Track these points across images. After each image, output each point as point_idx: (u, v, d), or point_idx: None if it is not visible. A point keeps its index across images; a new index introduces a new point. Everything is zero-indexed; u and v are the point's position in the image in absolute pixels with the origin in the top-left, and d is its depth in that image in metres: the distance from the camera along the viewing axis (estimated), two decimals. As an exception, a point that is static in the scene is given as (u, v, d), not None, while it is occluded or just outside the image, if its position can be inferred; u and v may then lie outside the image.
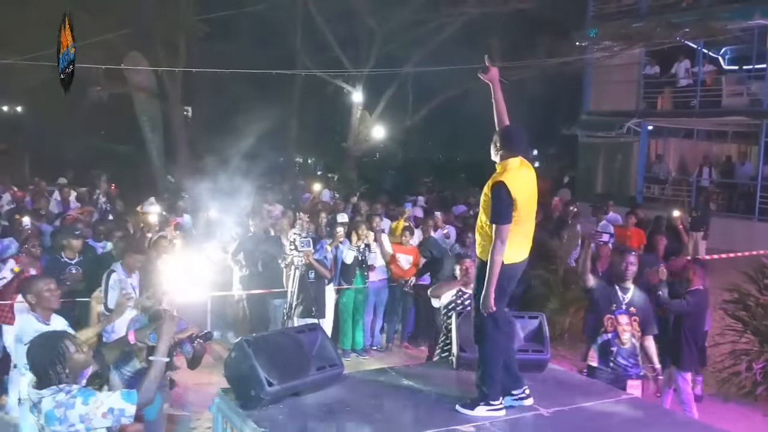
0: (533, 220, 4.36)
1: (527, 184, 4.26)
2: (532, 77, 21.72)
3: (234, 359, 4.53)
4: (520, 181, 4.21)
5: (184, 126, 20.33)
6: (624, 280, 5.59)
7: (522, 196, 4.16)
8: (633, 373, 5.46)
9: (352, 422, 4.27)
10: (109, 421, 3.29)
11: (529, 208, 4.25)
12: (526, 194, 4.21)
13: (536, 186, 4.37)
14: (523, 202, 4.17)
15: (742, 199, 18.09)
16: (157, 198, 12.24)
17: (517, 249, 4.24)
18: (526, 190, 4.24)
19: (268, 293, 8.17)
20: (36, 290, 4.96)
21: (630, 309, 5.50)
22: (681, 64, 19.19)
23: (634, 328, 5.48)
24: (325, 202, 13.42)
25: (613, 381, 5.36)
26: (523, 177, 4.24)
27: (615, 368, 5.48)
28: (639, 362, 5.54)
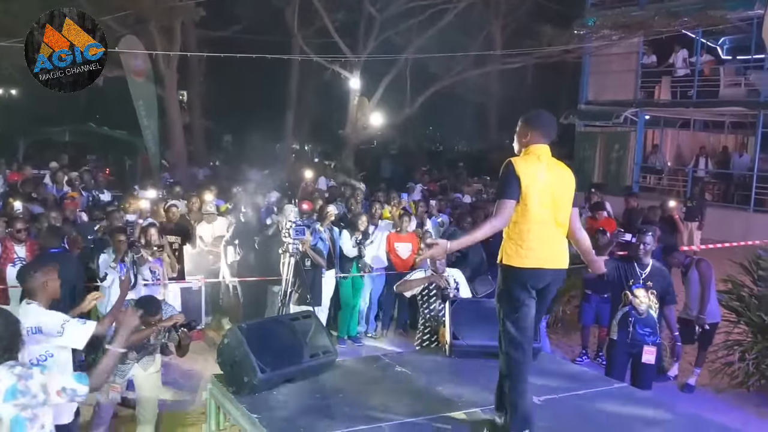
0: (557, 226, 3.88)
1: (545, 177, 3.82)
2: (532, 66, 21.73)
3: (227, 346, 4.54)
4: (534, 168, 3.82)
5: (180, 111, 20.22)
6: (641, 259, 5.99)
7: (534, 184, 3.77)
8: (649, 341, 5.89)
9: (345, 409, 4.28)
10: (63, 399, 3.29)
11: (545, 202, 3.79)
12: (541, 185, 3.79)
13: (566, 187, 3.90)
14: (537, 193, 3.76)
15: (738, 190, 18.09)
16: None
17: (530, 252, 3.78)
18: (543, 182, 3.80)
19: (266, 280, 8.15)
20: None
21: (647, 283, 5.92)
22: (679, 53, 19.13)
23: (651, 300, 5.90)
24: (320, 189, 13.39)
25: (630, 348, 5.91)
26: (540, 168, 3.83)
27: (633, 337, 5.91)
28: (657, 331, 5.99)
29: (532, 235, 3.79)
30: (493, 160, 25.52)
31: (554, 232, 3.86)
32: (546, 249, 3.82)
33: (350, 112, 20.63)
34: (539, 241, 3.80)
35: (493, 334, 5.32)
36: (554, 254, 3.85)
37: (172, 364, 7.28)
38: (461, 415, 4.28)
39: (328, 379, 4.78)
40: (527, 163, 3.84)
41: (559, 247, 3.89)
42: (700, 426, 4.39)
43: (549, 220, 3.83)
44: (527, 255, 3.79)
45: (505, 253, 3.86)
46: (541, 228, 3.80)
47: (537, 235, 3.79)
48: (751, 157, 18.35)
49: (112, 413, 5.55)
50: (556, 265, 3.87)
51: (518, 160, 3.85)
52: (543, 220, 3.80)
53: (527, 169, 3.79)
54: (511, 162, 3.83)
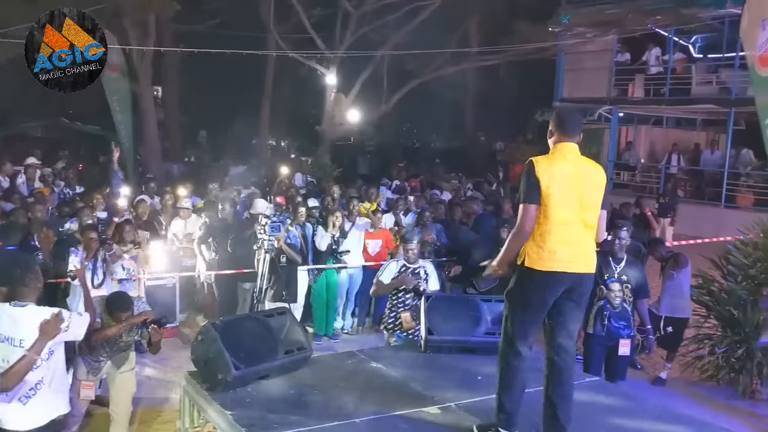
0: (585, 227, 3.73)
1: (570, 177, 3.67)
2: (507, 63, 21.82)
3: (201, 342, 4.53)
4: (558, 167, 3.68)
5: (154, 106, 20.02)
6: (617, 253, 6.11)
7: (556, 184, 3.63)
8: (624, 334, 6.03)
9: (320, 405, 4.30)
10: None
11: (568, 203, 3.65)
12: (565, 185, 3.65)
13: (594, 187, 3.75)
14: (559, 193, 3.63)
15: (710, 186, 18.36)
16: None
17: (551, 254, 3.64)
18: (567, 181, 3.66)
19: (236, 276, 8.12)
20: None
21: (622, 277, 6.05)
22: (652, 51, 19.35)
23: (625, 294, 6.05)
24: (296, 185, 13.35)
25: (607, 342, 6.03)
26: (564, 167, 3.69)
27: (609, 331, 6.02)
28: (631, 324, 6.13)
29: (553, 236, 3.64)
30: (470, 157, 25.73)
31: (579, 233, 3.71)
32: (568, 251, 3.66)
33: (327, 108, 20.56)
34: (561, 243, 3.65)
35: (467, 329, 5.42)
36: (577, 257, 3.69)
37: (147, 362, 7.23)
38: (435, 410, 4.31)
39: (302, 375, 4.79)
40: (550, 162, 3.71)
41: (583, 250, 3.72)
42: (670, 418, 4.47)
43: (574, 221, 3.68)
44: (548, 257, 3.65)
45: (527, 254, 3.71)
46: (564, 229, 3.66)
47: (559, 236, 3.65)
48: (722, 153, 18.63)
49: (84, 411, 5.49)
50: (579, 269, 3.69)
51: (540, 160, 3.72)
52: (566, 221, 3.66)
53: (549, 168, 3.66)
54: (531, 162, 3.70)
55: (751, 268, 7.26)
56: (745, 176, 17.47)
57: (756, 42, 7.55)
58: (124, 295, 5.34)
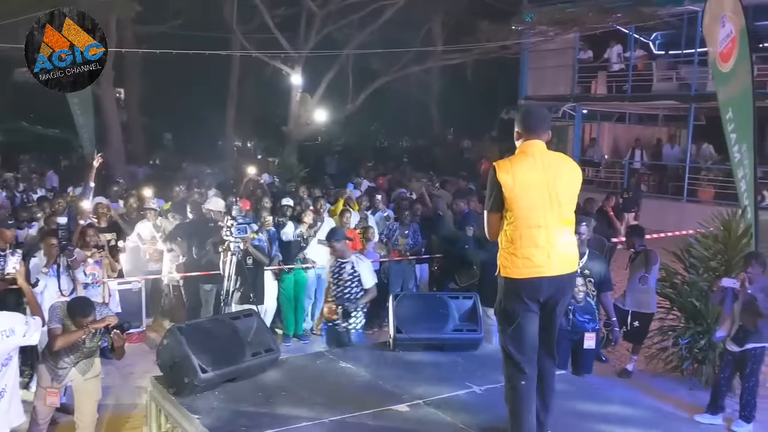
0: (563, 224, 3.55)
1: (538, 175, 3.47)
2: (472, 61, 21.97)
3: (166, 347, 4.48)
4: (523, 167, 3.49)
5: (117, 109, 19.73)
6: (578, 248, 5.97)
7: (521, 186, 3.45)
8: (589, 327, 6.09)
9: (288, 406, 4.28)
10: None
11: (537, 202, 3.47)
12: (532, 185, 3.46)
13: (567, 181, 3.56)
14: (525, 195, 3.45)
15: (672, 181, 18.69)
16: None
17: (524, 261, 3.48)
18: (534, 183, 3.46)
19: (199, 278, 8.03)
20: None
21: (584, 272, 6.07)
22: (613, 49, 19.64)
23: (588, 288, 6.11)
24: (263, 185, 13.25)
25: (572, 335, 6.05)
26: (531, 168, 3.49)
27: (574, 325, 6.05)
28: (596, 318, 6.17)
29: (524, 241, 3.47)
30: (436, 155, 25.84)
31: (555, 232, 3.51)
32: (542, 255, 3.47)
33: (292, 109, 20.48)
34: (535, 247, 3.47)
35: (435, 326, 5.45)
36: (554, 259, 3.49)
37: (113, 368, 7.13)
38: (404, 407, 4.32)
39: (271, 377, 4.76)
40: (513, 163, 3.53)
41: (562, 250, 3.54)
42: (636, 408, 4.55)
43: (547, 221, 3.48)
44: (524, 264, 3.48)
45: (501, 264, 3.58)
46: (537, 232, 3.47)
47: (532, 240, 3.47)
48: (683, 148, 18.99)
49: (49, 420, 5.40)
50: (557, 272, 3.50)
51: (502, 163, 3.54)
52: (538, 224, 3.47)
53: (512, 170, 3.48)
54: (494, 167, 3.53)
55: (712, 260, 7.41)
56: (705, 170, 17.82)
57: (716, 38, 7.71)
58: (86, 300, 5.26)
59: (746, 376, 6.27)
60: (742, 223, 7.45)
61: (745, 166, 7.43)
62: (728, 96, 7.70)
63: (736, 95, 7.54)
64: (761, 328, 6.16)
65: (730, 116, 7.61)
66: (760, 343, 6.24)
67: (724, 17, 7.55)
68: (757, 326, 6.14)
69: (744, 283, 6.14)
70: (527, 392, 3.57)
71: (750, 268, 6.22)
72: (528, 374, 3.57)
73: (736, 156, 7.53)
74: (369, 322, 9.19)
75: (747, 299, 6.15)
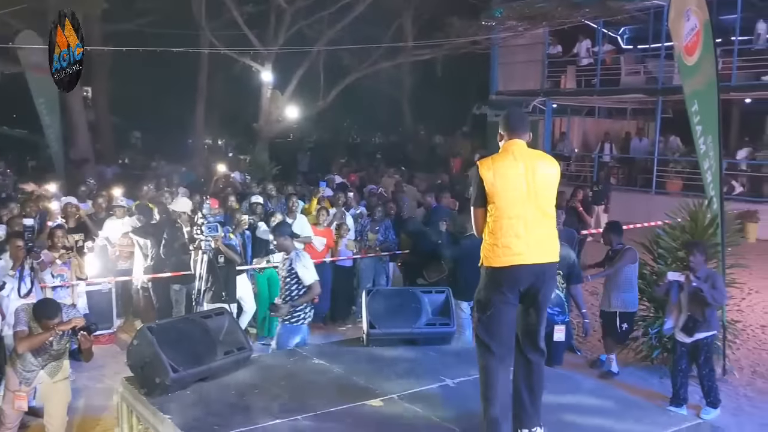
0: (543, 216, 3.73)
1: (517, 170, 3.69)
2: (443, 57, 22.02)
3: (137, 347, 4.44)
4: (504, 164, 3.72)
5: (84, 108, 19.44)
6: None
7: (502, 180, 3.66)
8: (558, 320, 6.12)
9: (261, 404, 4.26)
10: None
11: (517, 196, 3.67)
12: (512, 179, 3.67)
13: (545, 176, 3.75)
14: (506, 188, 3.66)
15: (641, 173, 18.95)
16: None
17: (505, 249, 3.64)
18: (514, 175, 3.68)
19: (168, 278, 7.96)
20: None
21: None
22: (582, 43, 19.84)
23: (557, 281, 5.99)
24: (234, 183, 13.18)
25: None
26: (511, 164, 3.71)
27: None
28: (565, 310, 6.22)
29: (505, 230, 3.65)
30: (409, 151, 25.88)
31: (536, 224, 3.69)
32: (522, 244, 3.64)
33: (263, 106, 20.34)
34: (515, 236, 3.64)
35: (408, 321, 5.46)
36: (534, 248, 3.66)
37: (83, 370, 7.04)
38: (378, 402, 4.33)
39: (243, 375, 4.74)
40: (495, 161, 3.75)
41: (542, 239, 3.70)
42: (605, 397, 4.61)
43: (527, 213, 3.67)
44: (504, 252, 3.64)
45: (483, 255, 3.74)
46: (517, 223, 3.65)
47: (512, 230, 3.65)
48: (650, 141, 19.26)
49: (18, 423, 5.31)
50: (536, 260, 3.66)
51: (484, 161, 3.77)
52: (517, 215, 3.66)
53: (494, 166, 3.71)
54: (476, 165, 3.77)
55: (680, 250, 7.49)
56: (673, 163, 18.10)
57: (681, 32, 7.81)
58: (51, 301, 5.18)
59: (701, 364, 6.36)
60: (708, 213, 7.57)
61: (710, 157, 7.55)
62: (693, 89, 7.81)
63: (701, 88, 7.64)
64: (709, 317, 6.27)
65: (695, 109, 7.72)
66: (709, 332, 6.36)
67: (688, 11, 7.65)
68: (705, 315, 6.24)
69: (689, 277, 6.23)
70: (497, 373, 3.70)
71: (692, 257, 6.32)
72: (498, 356, 3.71)
73: (702, 148, 7.64)
74: (343, 318, 9.25)
75: (692, 290, 6.24)
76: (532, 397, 3.77)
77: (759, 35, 16.82)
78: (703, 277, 6.27)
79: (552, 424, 3.91)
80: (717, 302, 6.27)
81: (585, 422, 4.10)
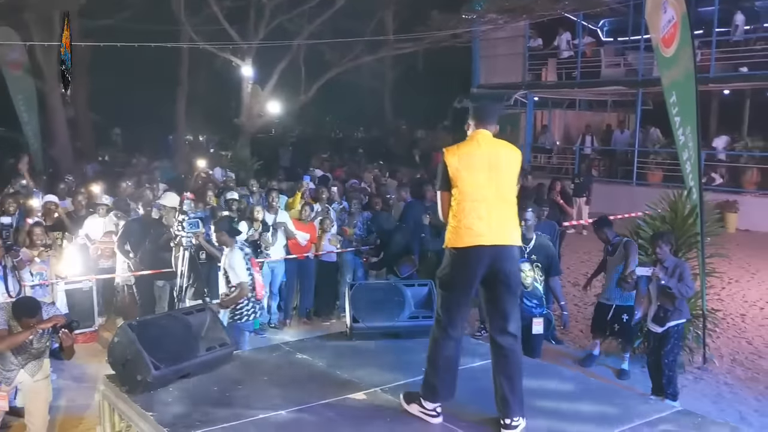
0: (502, 201, 3.89)
1: (481, 157, 3.88)
2: (424, 51, 22.01)
3: (118, 344, 4.41)
4: (468, 150, 3.92)
5: (63, 105, 19.22)
6: (524, 234, 5.95)
7: (465, 166, 3.85)
8: (537, 312, 6.13)
9: (244, 399, 4.25)
10: None
11: (479, 180, 3.84)
12: (475, 165, 3.85)
13: (506, 163, 3.94)
14: (468, 173, 3.84)
15: (622, 165, 19.10)
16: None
17: (467, 231, 3.81)
18: (478, 161, 3.86)
19: (152, 275, 7.90)
20: None
21: (532, 257, 6.14)
22: (562, 36, 19.91)
23: (536, 274, 6.15)
24: (215, 179, 13.11)
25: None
26: (474, 151, 3.91)
27: (522, 310, 5.81)
28: (543, 303, 6.22)
29: (468, 213, 3.82)
30: (391, 145, 25.87)
31: (497, 208, 3.85)
32: (484, 225, 3.80)
33: (244, 101, 20.24)
34: (476, 218, 3.80)
35: (392, 314, 5.47)
36: (495, 230, 3.81)
37: (65, 368, 6.99)
38: (361, 395, 4.34)
39: (226, 371, 4.72)
40: (460, 147, 3.96)
41: (502, 223, 3.86)
42: (586, 386, 4.66)
43: (488, 197, 3.84)
44: (466, 233, 3.80)
45: (447, 237, 3.92)
46: (479, 206, 3.82)
47: (474, 213, 3.81)
48: (631, 133, 19.39)
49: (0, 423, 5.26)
50: (498, 241, 3.81)
51: (450, 148, 3.97)
52: (480, 198, 3.83)
53: (458, 153, 3.91)
54: (443, 152, 3.96)
55: (660, 240, 7.56)
56: (653, 154, 18.26)
57: (659, 24, 7.86)
58: (31, 299, 5.13)
59: (666, 352, 6.28)
60: (688, 204, 7.63)
61: (689, 148, 7.60)
62: (671, 80, 7.87)
63: (680, 79, 7.70)
64: (679, 305, 6.26)
65: (674, 100, 7.79)
66: (681, 319, 6.35)
67: (665, 3, 7.70)
68: (675, 305, 6.23)
69: (655, 273, 6.23)
70: (444, 347, 3.93)
71: (658, 249, 6.30)
72: (449, 332, 3.92)
73: (681, 138, 7.70)
74: (327, 313, 9.24)
75: (661, 286, 6.26)
76: (511, 385, 3.83)
77: (737, 27, 17.01)
78: (671, 267, 6.23)
79: (533, 414, 3.94)
80: (684, 295, 6.24)
81: (566, 412, 4.12)
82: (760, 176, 16.39)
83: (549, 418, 4.01)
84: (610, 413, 4.11)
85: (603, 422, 3.98)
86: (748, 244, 13.71)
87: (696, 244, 7.44)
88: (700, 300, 7.41)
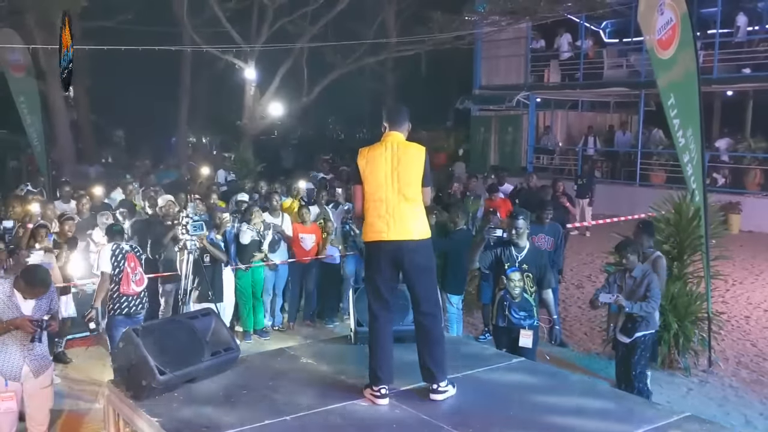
0: (405, 200, 4.22)
1: (386, 159, 4.25)
2: (426, 52, 22.01)
3: (122, 349, 4.40)
4: (376, 153, 4.30)
5: (66, 107, 19.25)
6: (516, 242, 5.95)
7: (371, 167, 4.26)
8: (525, 324, 5.86)
9: (249, 405, 4.24)
10: None
11: (381, 181, 4.23)
12: (380, 167, 4.23)
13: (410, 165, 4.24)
14: (374, 174, 4.24)
15: (625, 166, 19.08)
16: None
17: (370, 227, 4.29)
18: (383, 163, 4.24)
19: (159, 278, 7.89)
20: None
21: (523, 266, 5.89)
22: (562, 37, 19.90)
23: (527, 284, 5.86)
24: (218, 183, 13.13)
25: (509, 333, 5.91)
26: (381, 153, 4.28)
27: (509, 322, 5.89)
28: (533, 314, 5.92)
29: (372, 211, 4.27)
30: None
31: (396, 207, 4.22)
32: (382, 223, 4.23)
33: (247, 103, 20.25)
34: (377, 217, 4.25)
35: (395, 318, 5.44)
36: (393, 227, 4.21)
37: (69, 372, 6.98)
38: (366, 402, 4.32)
39: (231, 376, 4.71)
40: (370, 150, 4.33)
41: (400, 221, 4.23)
42: (589, 389, 4.65)
43: (389, 197, 4.22)
44: (370, 230, 4.29)
45: (362, 231, 4.43)
46: (380, 205, 4.23)
47: (376, 211, 4.25)
48: (634, 134, 19.37)
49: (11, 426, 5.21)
50: (395, 237, 4.21)
51: (363, 149, 4.36)
52: (381, 198, 4.23)
53: (368, 154, 4.31)
54: (357, 153, 4.38)
55: (665, 243, 7.51)
56: (656, 155, 18.23)
57: (654, 26, 7.76)
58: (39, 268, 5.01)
59: (633, 363, 6.13)
60: (691, 206, 7.59)
61: (691, 150, 7.53)
62: (669, 82, 7.76)
63: (679, 80, 7.57)
64: (647, 317, 6.09)
65: (672, 102, 7.69)
66: (648, 330, 6.18)
67: (662, 5, 7.62)
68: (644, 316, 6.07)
69: (619, 302, 6.09)
70: (377, 332, 4.34)
71: (625, 259, 6.18)
72: (378, 317, 4.34)
73: (681, 141, 7.62)
74: (331, 315, 9.22)
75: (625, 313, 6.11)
76: (431, 356, 4.28)
77: (739, 28, 16.98)
78: (639, 276, 6.11)
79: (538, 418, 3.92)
80: (650, 313, 6.07)
81: (573, 418, 4.10)
82: (763, 177, 16.37)
83: (554, 422, 3.99)
84: (616, 418, 4.09)
85: (609, 427, 3.97)
86: (752, 245, 13.70)
87: (700, 247, 7.41)
88: (705, 303, 7.39)
